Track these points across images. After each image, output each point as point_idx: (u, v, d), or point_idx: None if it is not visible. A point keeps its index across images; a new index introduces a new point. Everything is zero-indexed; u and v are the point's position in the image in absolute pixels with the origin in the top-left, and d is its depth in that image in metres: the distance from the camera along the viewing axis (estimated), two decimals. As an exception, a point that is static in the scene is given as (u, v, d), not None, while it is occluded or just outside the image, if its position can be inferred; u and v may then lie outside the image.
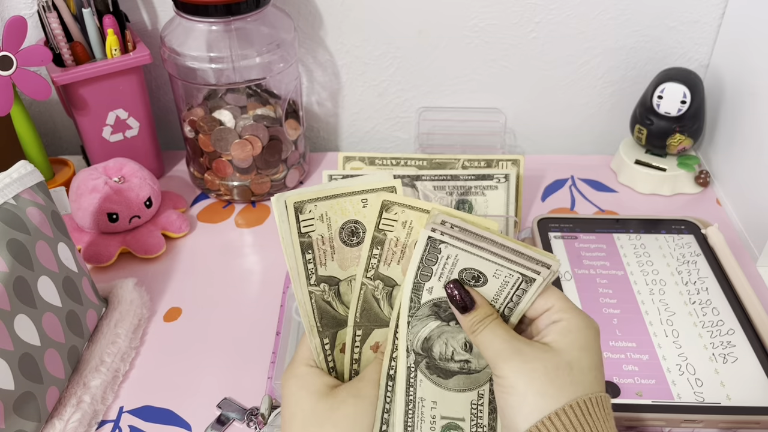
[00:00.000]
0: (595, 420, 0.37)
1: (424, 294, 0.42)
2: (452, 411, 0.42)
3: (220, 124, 0.79)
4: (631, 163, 0.85)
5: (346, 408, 0.40)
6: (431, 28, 0.86)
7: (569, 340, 0.38)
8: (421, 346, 0.42)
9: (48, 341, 0.57)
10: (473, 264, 0.41)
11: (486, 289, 0.41)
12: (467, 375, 0.42)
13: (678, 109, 0.79)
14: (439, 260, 0.41)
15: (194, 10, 0.72)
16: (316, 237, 0.42)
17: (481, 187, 0.74)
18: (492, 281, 0.41)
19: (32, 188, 0.59)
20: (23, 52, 0.73)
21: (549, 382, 0.37)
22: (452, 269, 0.41)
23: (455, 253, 0.40)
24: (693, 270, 0.70)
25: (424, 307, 0.42)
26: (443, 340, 0.42)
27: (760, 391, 0.58)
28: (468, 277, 0.41)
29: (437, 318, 0.42)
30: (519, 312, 0.41)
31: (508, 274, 0.40)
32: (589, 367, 0.38)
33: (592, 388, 0.38)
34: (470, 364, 0.42)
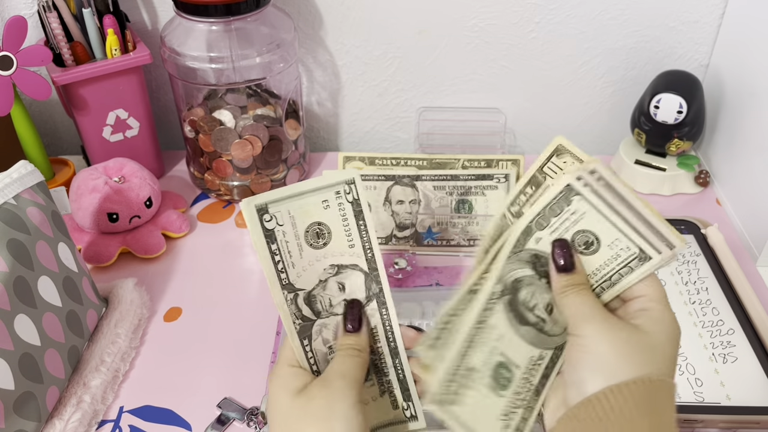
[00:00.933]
0: (666, 403, 0.37)
1: (530, 241, 0.42)
2: (512, 353, 0.42)
3: (221, 124, 0.79)
4: (631, 163, 0.85)
5: (317, 402, 0.41)
6: (431, 28, 0.86)
7: (659, 328, 0.39)
8: (511, 283, 0.42)
9: (48, 341, 0.57)
10: (595, 226, 0.41)
11: (593, 258, 0.41)
12: (539, 332, 0.42)
13: (675, 118, 0.79)
14: (563, 213, 0.41)
15: (194, 10, 0.72)
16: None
17: (481, 187, 0.74)
18: (603, 251, 0.41)
19: (32, 188, 0.59)
20: (23, 52, 0.73)
21: (631, 353, 0.37)
22: (571, 227, 0.41)
23: (584, 210, 0.40)
24: (693, 270, 0.70)
25: (525, 252, 0.42)
26: (531, 290, 0.42)
27: (760, 391, 0.58)
28: (581, 241, 0.41)
29: (533, 268, 0.42)
30: (616, 291, 0.41)
31: (626, 246, 0.40)
32: (671, 356, 0.39)
33: (670, 375, 0.38)
34: (545, 325, 0.42)
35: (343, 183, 0.43)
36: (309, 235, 0.43)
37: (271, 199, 0.42)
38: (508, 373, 0.42)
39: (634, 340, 0.38)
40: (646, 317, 0.39)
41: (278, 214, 0.42)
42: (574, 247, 0.41)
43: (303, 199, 0.42)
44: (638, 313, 0.40)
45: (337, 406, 0.40)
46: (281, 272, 0.42)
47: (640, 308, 0.40)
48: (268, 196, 0.42)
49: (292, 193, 0.42)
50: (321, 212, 0.43)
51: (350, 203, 0.43)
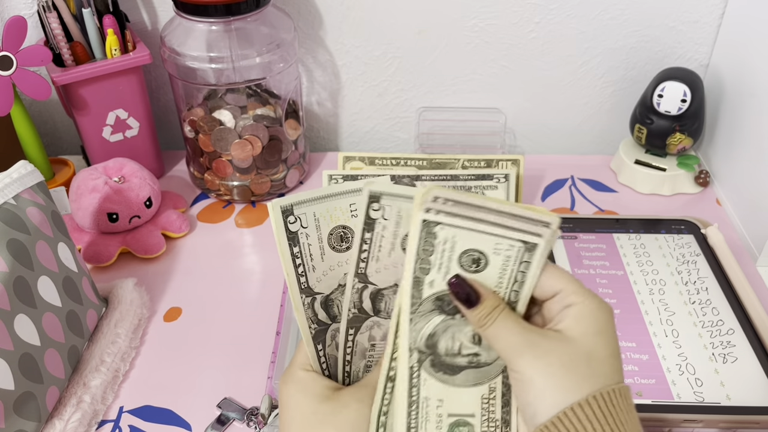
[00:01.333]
0: (617, 412, 0.36)
1: (425, 289, 0.40)
2: (461, 407, 0.41)
3: (220, 124, 0.79)
4: (631, 163, 0.85)
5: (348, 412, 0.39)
6: (431, 28, 0.86)
7: (584, 325, 0.37)
8: (425, 343, 0.40)
9: (48, 341, 0.57)
10: (472, 243, 0.39)
11: (488, 272, 0.39)
12: (476, 369, 0.40)
13: (678, 107, 0.80)
14: (437, 247, 0.39)
15: (194, 10, 0.72)
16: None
17: (481, 187, 0.74)
18: (493, 261, 0.39)
19: (32, 188, 0.59)
20: (23, 52, 0.73)
21: (566, 375, 0.36)
22: (451, 255, 0.39)
23: (453, 234, 0.39)
24: (693, 270, 0.70)
25: (426, 302, 0.40)
26: (449, 335, 0.40)
27: (760, 391, 0.58)
28: (468, 262, 0.39)
29: (441, 312, 0.40)
30: (526, 294, 0.39)
31: (509, 245, 0.38)
32: (606, 355, 0.37)
33: (611, 378, 0.37)
34: (479, 357, 0.40)
35: None
36: (333, 237, 0.42)
37: (297, 201, 0.41)
38: (467, 426, 0.40)
39: (566, 359, 0.36)
40: (571, 315, 0.37)
41: (303, 216, 0.41)
42: (467, 271, 0.39)
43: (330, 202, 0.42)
44: (561, 314, 0.38)
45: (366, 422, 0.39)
46: (301, 276, 0.42)
47: (562, 306, 0.38)
48: (295, 198, 0.41)
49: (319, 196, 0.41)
50: (348, 217, 0.42)
51: None
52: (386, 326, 0.44)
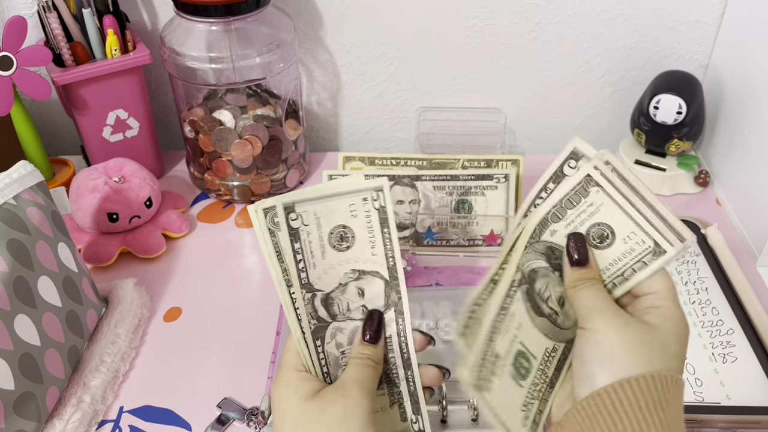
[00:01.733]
0: (675, 399, 0.37)
1: (546, 233, 0.42)
2: (530, 343, 0.42)
3: (220, 124, 0.79)
4: (631, 163, 0.85)
5: (335, 408, 0.40)
6: (431, 28, 0.86)
7: (669, 325, 0.39)
8: (528, 272, 0.42)
9: (48, 341, 0.57)
10: (611, 219, 0.40)
11: (608, 252, 0.41)
12: (552, 324, 0.42)
13: (674, 119, 0.80)
14: (580, 205, 0.41)
15: (194, 10, 0.72)
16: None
17: (481, 187, 0.74)
18: (618, 245, 0.41)
19: (32, 188, 0.59)
20: (23, 52, 0.73)
21: (641, 347, 0.37)
22: (587, 219, 0.41)
23: (601, 201, 0.40)
24: (693, 270, 0.70)
25: (541, 243, 0.42)
26: (545, 282, 0.42)
27: (760, 391, 0.58)
28: (596, 234, 0.41)
29: (548, 260, 0.42)
30: (628, 286, 0.41)
31: (641, 240, 0.40)
32: (680, 354, 0.39)
33: (676, 370, 0.38)
34: (558, 317, 0.42)
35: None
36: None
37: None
38: (527, 363, 0.42)
39: (644, 336, 0.38)
40: (657, 314, 0.39)
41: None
42: (589, 241, 0.41)
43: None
44: (649, 310, 0.40)
45: (354, 414, 0.40)
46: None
47: (650, 305, 0.40)
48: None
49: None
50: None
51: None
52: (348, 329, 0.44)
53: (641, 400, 0.36)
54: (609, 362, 0.37)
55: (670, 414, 0.36)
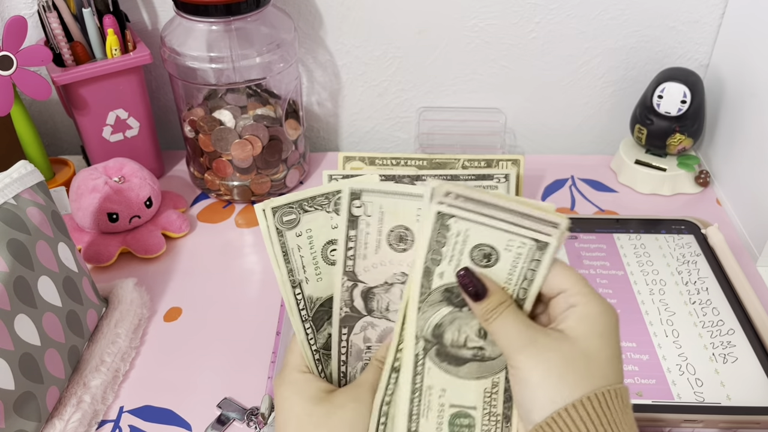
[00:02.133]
0: (612, 412, 0.35)
1: (434, 279, 0.40)
2: (463, 399, 0.41)
3: (221, 124, 0.79)
4: (631, 163, 0.85)
5: (344, 413, 0.39)
6: (431, 28, 0.86)
7: (586, 326, 0.37)
8: (432, 332, 0.40)
9: (48, 341, 0.57)
10: (484, 238, 0.39)
11: (498, 268, 0.40)
12: (480, 362, 0.41)
13: (678, 108, 0.80)
14: (449, 239, 0.39)
15: (194, 10, 0.72)
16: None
17: (481, 187, 0.74)
18: (504, 257, 0.39)
19: (32, 188, 0.59)
20: (23, 52, 0.73)
21: (564, 373, 0.36)
22: (462, 248, 0.39)
23: (465, 228, 0.39)
24: (693, 270, 0.70)
25: (435, 292, 0.40)
26: (456, 327, 0.40)
27: (760, 391, 0.58)
28: (479, 256, 0.40)
29: (449, 304, 0.40)
30: (534, 292, 0.40)
31: (520, 243, 0.39)
32: (608, 356, 0.37)
33: (610, 379, 0.36)
34: (484, 351, 0.41)
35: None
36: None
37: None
38: (468, 418, 0.41)
39: (565, 358, 0.36)
40: (573, 317, 0.37)
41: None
42: (477, 264, 0.40)
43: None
44: (565, 314, 0.38)
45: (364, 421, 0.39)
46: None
47: (566, 306, 0.38)
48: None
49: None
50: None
51: None
52: (381, 327, 0.44)
53: (580, 426, 0.35)
54: (539, 399, 0.36)
55: (616, 427, 0.35)
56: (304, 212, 0.42)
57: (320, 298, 0.43)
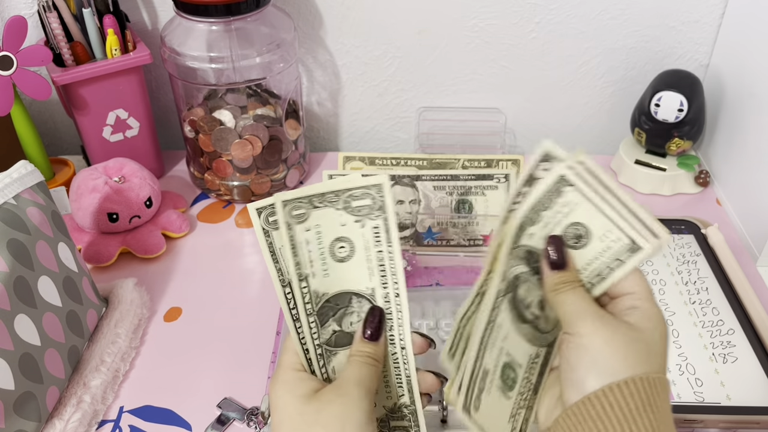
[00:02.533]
0: (663, 400, 0.37)
1: (524, 237, 0.41)
2: (516, 353, 0.42)
3: (221, 124, 0.79)
4: (631, 163, 0.85)
5: (333, 408, 0.40)
6: (431, 28, 0.86)
7: (651, 325, 0.39)
8: (512, 280, 0.42)
9: (48, 341, 0.57)
10: (587, 218, 0.40)
11: (584, 251, 0.41)
12: (535, 330, 0.42)
13: (675, 116, 0.80)
14: (554, 206, 0.40)
15: (194, 10, 0.72)
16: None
17: (481, 187, 0.74)
18: (594, 244, 0.40)
19: (32, 188, 0.59)
20: (23, 52, 0.73)
21: (628, 350, 0.37)
22: (562, 220, 0.41)
23: (576, 201, 0.40)
24: (693, 270, 0.70)
25: (520, 248, 0.41)
26: (526, 287, 0.42)
27: (760, 391, 0.58)
28: (571, 234, 0.41)
29: (527, 265, 0.42)
30: (606, 285, 0.41)
31: (617, 237, 0.40)
32: (664, 354, 0.39)
33: (662, 371, 0.38)
34: (539, 322, 0.42)
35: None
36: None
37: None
38: (513, 373, 0.41)
39: (630, 339, 0.38)
40: (638, 315, 0.39)
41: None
42: (565, 241, 0.41)
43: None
44: (629, 311, 0.39)
45: (353, 415, 0.39)
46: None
47: (630, 306, 0.40)
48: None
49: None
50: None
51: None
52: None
53: (631, 403, 0.36)
54: (597, 366, 0.37)
55: (660, 416, 0.36)
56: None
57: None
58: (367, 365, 0.42)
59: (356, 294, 0.44)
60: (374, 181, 0.42)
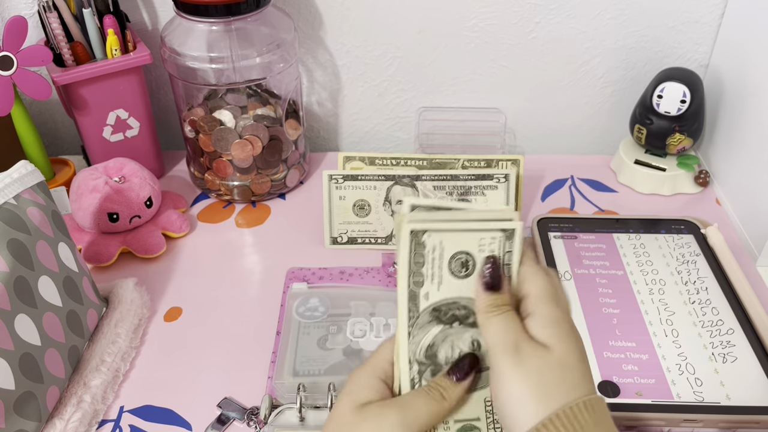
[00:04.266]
0: (599, 419, 0.36)
1: (421, 301, 0.40)
2: (466, 413, 0.41)
3: (221, 124, 0.79)
4: (631, 163, 0.85)
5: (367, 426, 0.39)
6: (431, 28, 0.86)
7: (564, 347, 0.38)
8: (424, 354, 0.41)
9: (48, 341, 0.57)
10: (458, 245, 0.40)
11: (476, 275, 0.40)
12: (477, 373, 0.41)
13: (678, 108, 0.80)
14: (426, 257, 0.40)
15: (194, 10, 0.73)
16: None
17: (481, 187, 0.74)
18: (480, 260, 0.40)
19: (33, 188, 0.59)
20: (24, 52, 0.73)
21: (547, 380, 0.37)
22: (441, 263, 0.40)
23: (440, 240, 0.39)
24: (692, 270, 0.70)
25: (423, 314, 0.41)
26: (448, 344, 0.41)
27: (760, 391, 0.58)
28: (458, 267, 0.40)
29: (439, 322, 0.41)
30: (513, 279, 0.40)
31: (491, 238, 0.40)
32: (575, 361, 0.38)
33: (581, 389, 0.37)
34: (481, 362, 0.41)
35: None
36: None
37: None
38: (476, 430, 0.41)
39: (545, 368, 0.37)
40: (536, 327, 0.38)
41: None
42: (457, 276, 0.40)
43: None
44: (528, 322, 0.39)
45: None
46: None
47: (529, 312, 0.39)
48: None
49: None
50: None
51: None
52: None
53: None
54: (523, 405, 0.36)
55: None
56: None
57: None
58: (431, 397, 0.40)
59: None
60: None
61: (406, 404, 0.40)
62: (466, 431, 0.41)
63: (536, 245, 0.73)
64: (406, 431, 0.39)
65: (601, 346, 0.62)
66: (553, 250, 0.72)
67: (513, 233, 0.40)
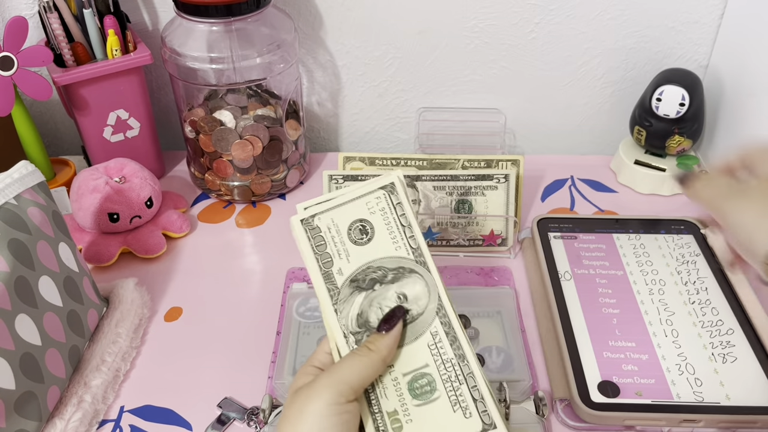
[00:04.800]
0: None
1: (336, 278, 0.43)
2: (412, 363, 0.42)
3: (221, 125, 0.79)
4: (631, 164, 0.85)
5: (297, 400, 0.41)
6: (431, 29, 0.86)
7: None
8: (356, 323, 0.43)
9: (49, 341, 0.57)
10: (350, 215, 0.43)
11: (379, 234, 0.43)
12: (412, 323, 0.43)
13: (677, 111, 0.80)
14: (326, 237, 0.43)
15: (195, 10, 0.73)
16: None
17: (481, 187, 0.74)
18: (375, 221, 0.43)
19: (33, 188, 0.59)
20: (24, 53, 0.73)
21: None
22: (341, 238, 0.43)
23: (330, 218, 0.43)
24: (692, 270, 0.70)
25: (343, 288, 0.43)
26: (376, 306, 0.43)
27: (760, 391, 0.58)
28: (357, 234, 0.43)
29: (360, 290, 0.43)
30: (418, 230, 0.44)
31: (375, 199, 0.43)
32: None
33: None
34: (411, 311, 0.43)
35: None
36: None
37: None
38: (425, 377, 0.42)
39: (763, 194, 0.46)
40: None
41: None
42: (359, 242, 0.43)
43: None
44: None
45: (310, 406, 0.39)
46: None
47: None
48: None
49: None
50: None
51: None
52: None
53: None
54: (757, 227, 0.44)
55: None
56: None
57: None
58: (358, 354, 0.41)
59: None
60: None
61: (334, 368, 0.41)
62: (417, 380, 0.42)
63: (536, 245, 0.73)
64: (335, 391, 0.39)
65: (601, 346, 0.62)
66: (553, 250, 0.72)
67: (393, 186, 0.43)
